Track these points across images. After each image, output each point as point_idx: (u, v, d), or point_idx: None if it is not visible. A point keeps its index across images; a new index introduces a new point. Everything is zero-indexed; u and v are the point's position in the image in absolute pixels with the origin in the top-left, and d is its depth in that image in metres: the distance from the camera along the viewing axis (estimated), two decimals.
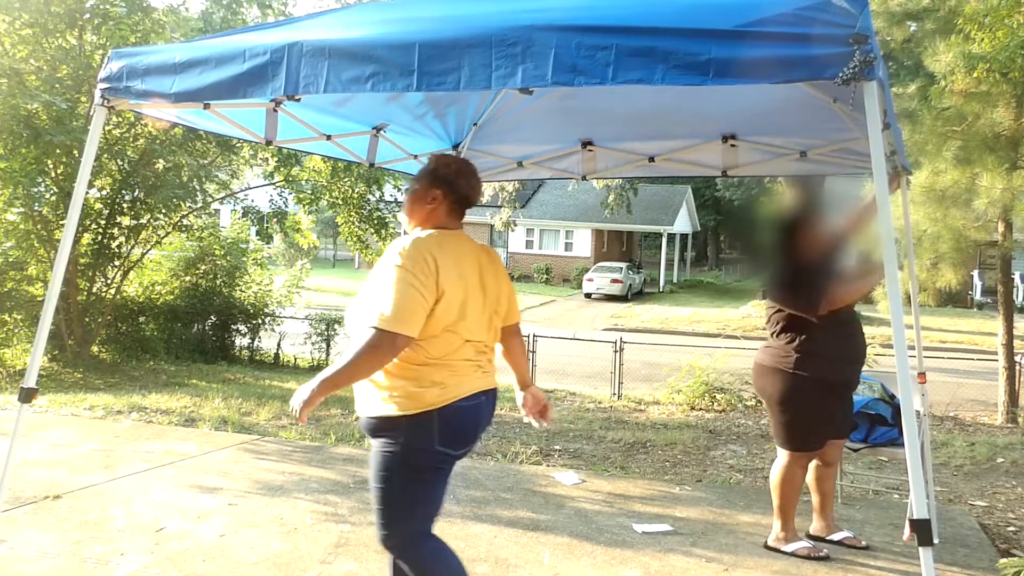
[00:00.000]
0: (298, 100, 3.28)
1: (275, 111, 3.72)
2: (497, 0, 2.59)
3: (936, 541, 3.94)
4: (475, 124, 4.71)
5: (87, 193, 9.47)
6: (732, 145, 4.33)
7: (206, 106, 3.27)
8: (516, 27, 2.19)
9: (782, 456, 3.77)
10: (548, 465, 5.76)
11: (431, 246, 2.37)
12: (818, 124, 3.84)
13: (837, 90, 2.38)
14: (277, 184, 12.43)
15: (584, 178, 4.94)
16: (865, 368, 4.67)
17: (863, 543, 3.92)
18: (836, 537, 3.96)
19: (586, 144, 4.67)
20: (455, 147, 4.93)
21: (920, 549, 2.00)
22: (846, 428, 3.92)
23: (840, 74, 1.87)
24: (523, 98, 4.06)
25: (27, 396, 3.02)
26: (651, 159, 4.62)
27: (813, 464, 3.85)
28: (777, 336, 3.69)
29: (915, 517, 1.98)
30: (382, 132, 4.49)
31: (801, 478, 3.78)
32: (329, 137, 4.22)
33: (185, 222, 10.87)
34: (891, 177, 3.60)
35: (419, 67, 2.31)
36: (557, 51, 2.11)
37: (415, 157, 4.81)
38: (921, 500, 1.99)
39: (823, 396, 3.63)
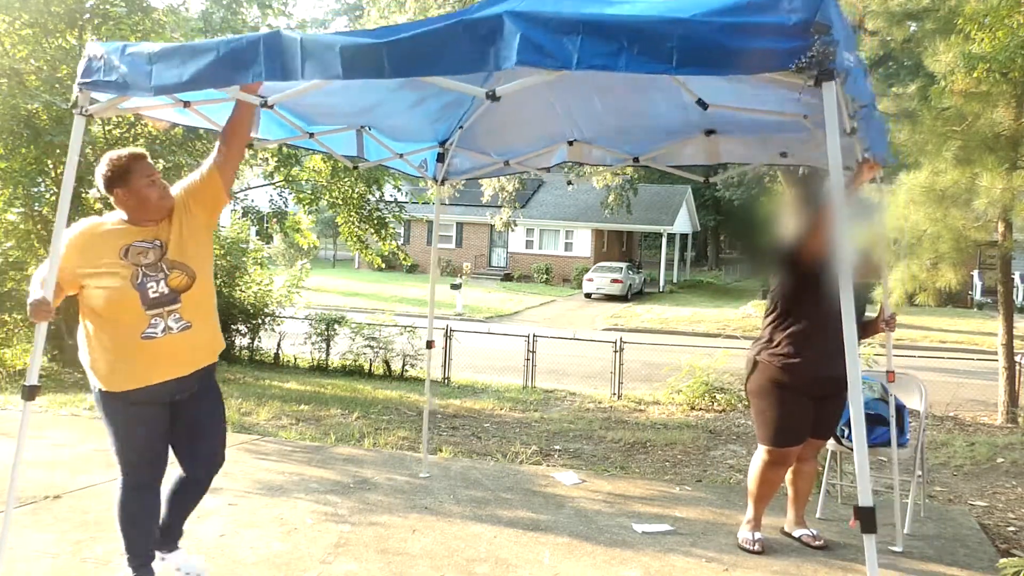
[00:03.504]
0: (270, 107, 3.28)
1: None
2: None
3: (899, 549, 3.92)
4: (460, 127, 4.68)
5: (87, 193, 9.47)
6: (714, 140, 4.28)
7: (186, 104, 3.24)
8: (487, 15, 2.25)
9: (759, 449, 3.84)
10: (548, 465, 5.76)
11: None
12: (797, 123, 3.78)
13: (808, 103, 2.40)
14: (277, 184, 12.43)
15: (569, 183, 4.93)
16: (865, 368, 4.67)
17: (819, 542, 3.91)
18: (796, 533, 4.01)
19: (571, 143, 4.67)
20: (442, 144, 4.91)
21: (864, 536, 2.05)
22: (825, 430, 3.88)
23: (796, 62, 1.88)
24: (508, 100, 4.03)
25: (29, 393, 3.03)
26: (635, 159, 4.63)
27: None
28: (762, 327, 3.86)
29: (860, 505, 2.03)
30: (366, 130, 4.46)
31: (771, 475, 3.81)
32: (312, 135, 4.19)
33: None
34: (857, 171, 3.47)
35: (389, 54, 2.34)
36: (524, 33, 2.16)
37: (401, 156, 4.79)
38: (866, 488, 2.03)
39: (786, 392, 3.64)
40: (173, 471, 3.14)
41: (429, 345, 5.18)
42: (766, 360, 3.72)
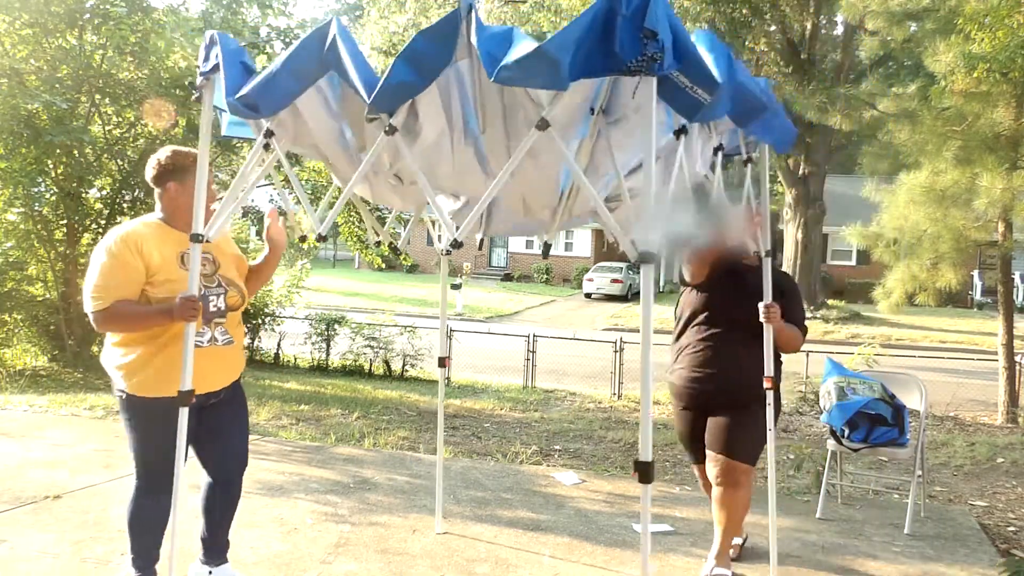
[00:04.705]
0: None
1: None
2: None
3: (717, 574, 3.50)
4: None
5: (87, 193, 9.48)
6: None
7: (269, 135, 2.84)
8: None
9: None
10: (548, 465, 5.76)
11: None
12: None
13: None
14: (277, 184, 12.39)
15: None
16: (864, 368, 4.66)
17: None
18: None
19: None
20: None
21: (642, 485, 2.19)
22: (712, 443, 3.44)
23: (627, 66, 1.95)
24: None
25: (184, 399, 2.70)
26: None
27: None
28: None
29: (640, 459, 2.16)
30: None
31: (706, 488, 3.67)
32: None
33: None
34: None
35: None
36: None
37: None
38: (647, 444, 2.15)
39: (677, 405, 3.59)
40: (196, 488, 3.11)
41: (442, 363, 4.16)
42: (667, 375, 3.67)
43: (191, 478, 3.11)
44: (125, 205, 9.75)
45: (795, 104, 11.79)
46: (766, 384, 3.29)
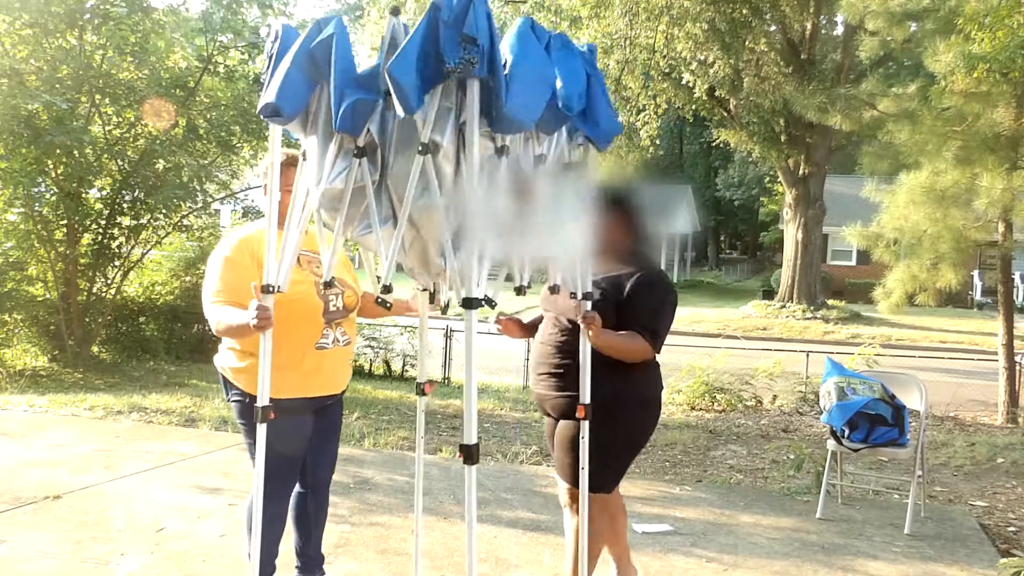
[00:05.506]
0: None
1: None
2: None
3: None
4: None
5: (87, 193, 9.48)
6: None
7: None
8: None
9: None
10: (548, 465, 5.76)
11: None
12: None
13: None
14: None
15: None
16: (864, 368, 4.66)
17: None
18: None
19: None
20: None
21: (465, 467, 2.30)
22: (556, 470, 3.16)
23: (447, 67, 2.02)
24: None
25: (264, 415, 2.48)
26: None
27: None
28: None
29: (463, 443, 2.24)
30: None
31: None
32: None
33: (185, 222, 10.85)
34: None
35: None
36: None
37: None
38: (471, 429, 2.26)
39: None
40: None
41: (421, 392, 3.31)
42: None
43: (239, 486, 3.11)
44: (125, 205, 9.75)
45: (795, 104, 11.79)
46: (579, 414, 2.76)
